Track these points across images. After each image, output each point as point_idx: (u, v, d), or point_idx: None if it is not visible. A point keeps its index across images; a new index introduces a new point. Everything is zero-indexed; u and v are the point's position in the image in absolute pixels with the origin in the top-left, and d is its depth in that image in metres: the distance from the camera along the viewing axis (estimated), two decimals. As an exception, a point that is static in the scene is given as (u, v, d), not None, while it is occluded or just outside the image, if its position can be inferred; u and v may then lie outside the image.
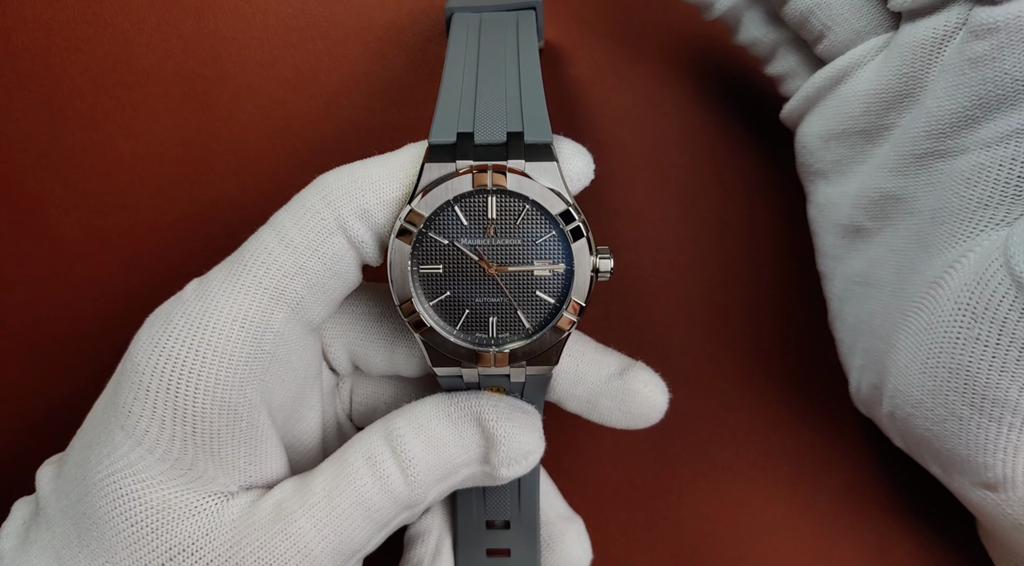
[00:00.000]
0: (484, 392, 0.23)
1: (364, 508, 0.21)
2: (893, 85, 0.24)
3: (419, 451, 0.21)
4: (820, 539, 0.31)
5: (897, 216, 0.25)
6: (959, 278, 0.22)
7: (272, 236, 0.21)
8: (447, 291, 0.22)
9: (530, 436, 0.23)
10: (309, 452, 0.25)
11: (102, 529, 0.20)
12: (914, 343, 0.23)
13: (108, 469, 0.20)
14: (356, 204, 0.21)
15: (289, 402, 0.23)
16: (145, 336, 0.21)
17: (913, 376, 0.23)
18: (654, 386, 0.25)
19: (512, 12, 0.25)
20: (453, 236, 0.21)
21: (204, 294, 0.21)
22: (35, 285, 0.32)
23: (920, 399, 0.23)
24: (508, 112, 0.21)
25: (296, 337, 0.22)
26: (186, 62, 0.31)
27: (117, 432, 0.21)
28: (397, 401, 0.27)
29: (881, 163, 0.25)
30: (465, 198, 0.21)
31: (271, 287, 0.21)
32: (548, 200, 0.21)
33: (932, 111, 0.23)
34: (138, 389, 0.20)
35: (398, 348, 0.25)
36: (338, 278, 0.22)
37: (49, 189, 0.31)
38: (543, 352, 0.22)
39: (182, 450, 0.20)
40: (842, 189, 0.26)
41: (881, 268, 0.25)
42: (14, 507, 0.22)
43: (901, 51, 0.23)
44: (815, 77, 0.26)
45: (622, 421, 0.25)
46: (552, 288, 0.22)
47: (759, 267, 0.32)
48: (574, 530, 0.27)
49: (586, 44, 0.31)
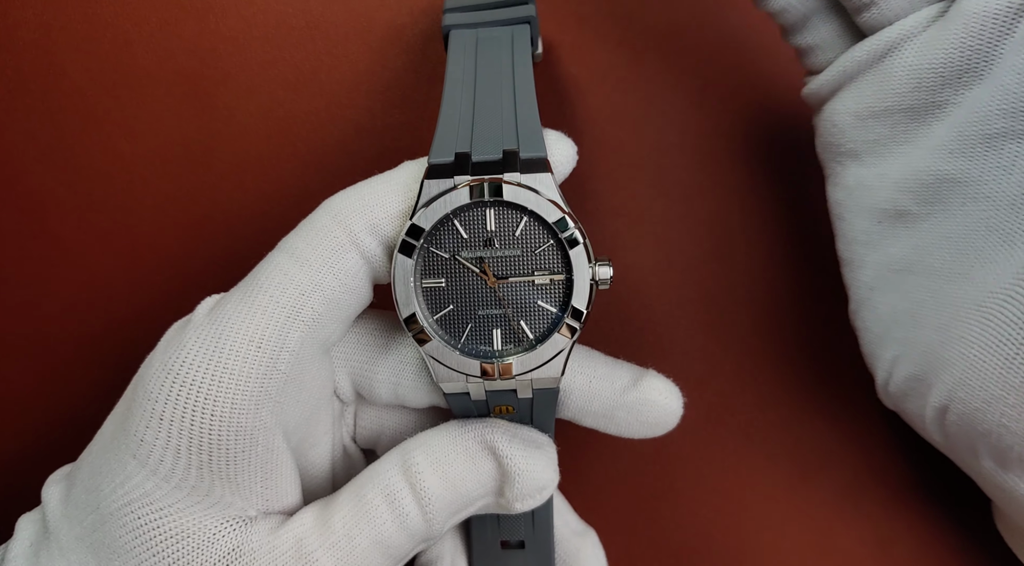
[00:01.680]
0: (499, 421, 0.23)
1: (383, 546, 0.21)
2: (953, 58, 0.22)
3: (436, 486, 0.21)
4: (820, 538, 0.31)
5: (955, 201, 0.23)
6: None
7: (285, 258, 0.21)
8: (450, 305, 0.22)
9: (545, 471, 0.23)
10: (320, 475, 0.25)
11: (122, 558, 0.20)
12: (997, 337, 0.22)
13: (124, 499, 0.20)
14: (366, 220, 0.21)
15: (303, 424, 0.23)
16: (158, 362, 0.21)
17: (993, 370, 0.22)
18: (669, 393, 0.25)
19: (507, 27, 0.25)
20: (454, 249, 0.22)
21: (218, 317, 0.21)
22: (35, 285, 0.32)
23: (999, 394, 0.22)
24: (504, 131, 0.22)
25: (311, 357, 0.22)
26: (187, 62, 0.31)
27: (129, 461, 0.20)
28: (401, 428, 0.27)
29: (937, 144, 0.23)
30: (464, 211, 0.21)
31: (287, 306, 0.21)
32: (544, 209, 0.21)
33: (1010, 87, 0.21)
34: (151, 417, 0.20)
35: (403, 379, 0.25)
36: (352, 294, 0.22)
37: (50, 189, 0.31)
38: (547, 361, 0.22)
39: (198, 478, 0.20)
40: (879, 171, 0.25)
41: (931, 255, 0.23)
42: (18, 526, 0.22)
43: (966, 21, 0.21)
44: (856, 50, 0.24)
45: (639, 431, 0.25)
46: (553, 297, 0.22)
47: (759, 267, 0.32)
48: (589, 544, 0.27)
49: (586, 44, 0.31)
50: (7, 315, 0.32)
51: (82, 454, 0.22)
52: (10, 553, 0.21)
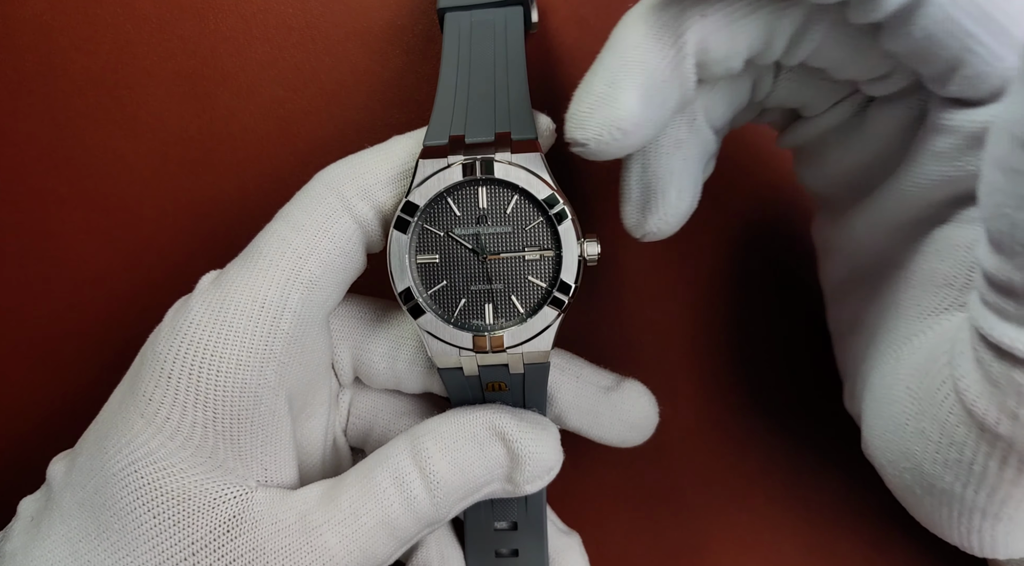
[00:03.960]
0: (503, 406, 0.24)
1: (390, 526, 0.21)
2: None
3: (446, 471, 0.22)
4: (819, 540, 0.31)
5: (887, 268, 0.23)
6: (911, 361, 0.21)
7: (282, 225, 0.22)
8: (443, 280, 0.23)
9: (553, 452, 0.23)
10: (310, 459, 0.25)
11: (123, 521, 0.20)
12: (875, 411, 0.22)
13: (128, 458, 0.20)
14: (357, 185, 0.22)
15: (304, 390, 0.24)
16: (166, 327, 0.22)
17: (877, 451, 0.22)
18: (648, 397, 0.26)
19: (500, 10, 0.26)
20: (447, 226, 0.23)
21: (222, 282, 0.22)
22: (36, 285, 0.32)
23: (882, 464, 0.22)
24: (497, 115, 0.23)
25: (311, 318, 0.22)
26: (187, 62, 0.31)
27: (137, 420, 0.21)
28: (394, 421, 0.27)
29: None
30: (457, 189, 0.22)
31: (287, 268, 0.22)
32: (534, 186, 0.22)
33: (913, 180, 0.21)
34: (159, 376, 0.21)
35: (401, 355, 0.26)
36: (347, 258, 0.23)
37: (51, 189, 0.31)
38: (538, 334, 0.23)
39: (203, 436, 0.21)
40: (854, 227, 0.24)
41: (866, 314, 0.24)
42: (20, 506, 0.22)
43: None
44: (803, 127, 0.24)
45: (621, 433, 0.26)
46: (543, 272, 0.23)
47: (758, 269, 0.32)
48: (575, 543, 0.28)
49: (586, 44, 0.31)
50: (7, 315, 0.32)
51: (87, 429, 0.23)
52: (12, 531, 0.22)
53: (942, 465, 0.19)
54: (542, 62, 0.32)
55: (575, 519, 0.31)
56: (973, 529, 0.20)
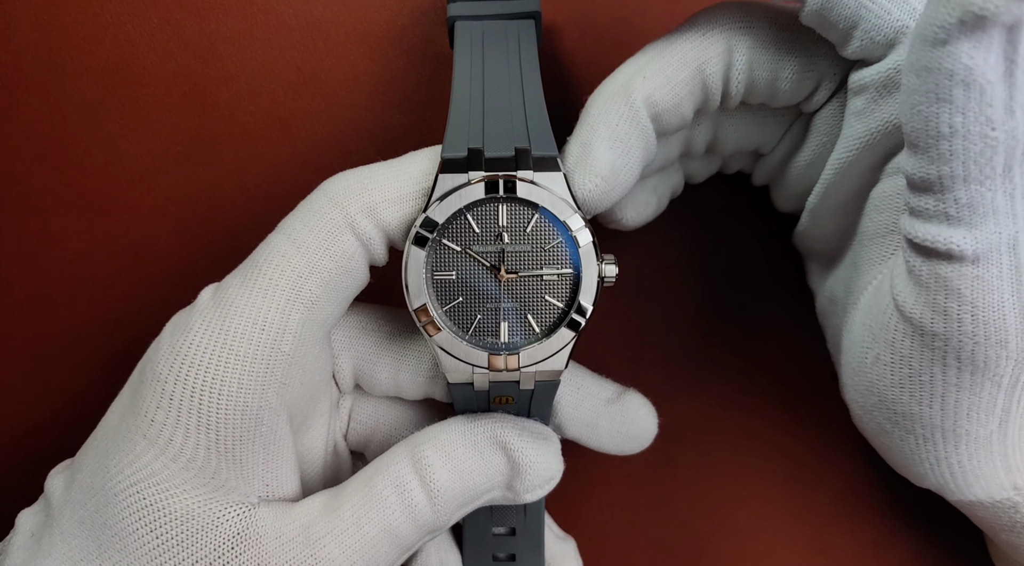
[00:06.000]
0: (506, 416, 0.24)
1: (392, 535, 0.21)
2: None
3: (446, 479, 0.22)
4: (818, 539, 0.32)
5: (852, 236, 0.26)
6: (864, 301, 0.23)
7: (283, 240, 0.22)
8: (459, 297, 0.22)
9: (553, 462, 0.24)
10: (311, 468, 0.25)
11: (125, 541, 0.20)
12: (847, 357, 0.24)
13: (130, 479, 0.20)
14: (362, 202, 0.22)
15: (305, 406, 0.23)
16: (165, 345, 0.21)
17: (851, 395, 0.24)
18: (648, 409, 0.27)
19: (513, 22, 0.26)
20: (466, 243, 0.22)
21: (222, 300, 0.21)
22: (36, 285, 0.32)
23: (858, 414, 0.24)
24: (514, 128, 0.22)
25: (312, 338, 0.22)
26: (187, 62, 0.31)
27: (139, 441, 0.21)
28: (396, 427, 0.27)
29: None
30: (477, 206, 0.22)
31: (287, 288, 0.21)
32: (557, 207, 0.22)
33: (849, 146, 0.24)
34: (161, 397, 0.20)
35: (404, 366, 0.26)
36: (349, 276, 0.22)
37: (50, 189, 0.31)
38: (553, 354, 0.23)
39: (206, 458, 0.20)
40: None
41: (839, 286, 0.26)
42: (19, 520, 0.22)
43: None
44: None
45: (619, 444, 0.26)
46: (560, 292, 0.22)
47: (758, 269, 0.32)
48: (571, 549, 0.29)
49: (586, 44, 0.31)
50: (7, 314, 0.32)
51: (84, 444, 0.23)
52: (11, 546, 0.21)
53: (898, 386, 0.21)
54: (544, 70, 0.32)
55: (574, 519, 0.31)
56: (941, 458, 0.22)
